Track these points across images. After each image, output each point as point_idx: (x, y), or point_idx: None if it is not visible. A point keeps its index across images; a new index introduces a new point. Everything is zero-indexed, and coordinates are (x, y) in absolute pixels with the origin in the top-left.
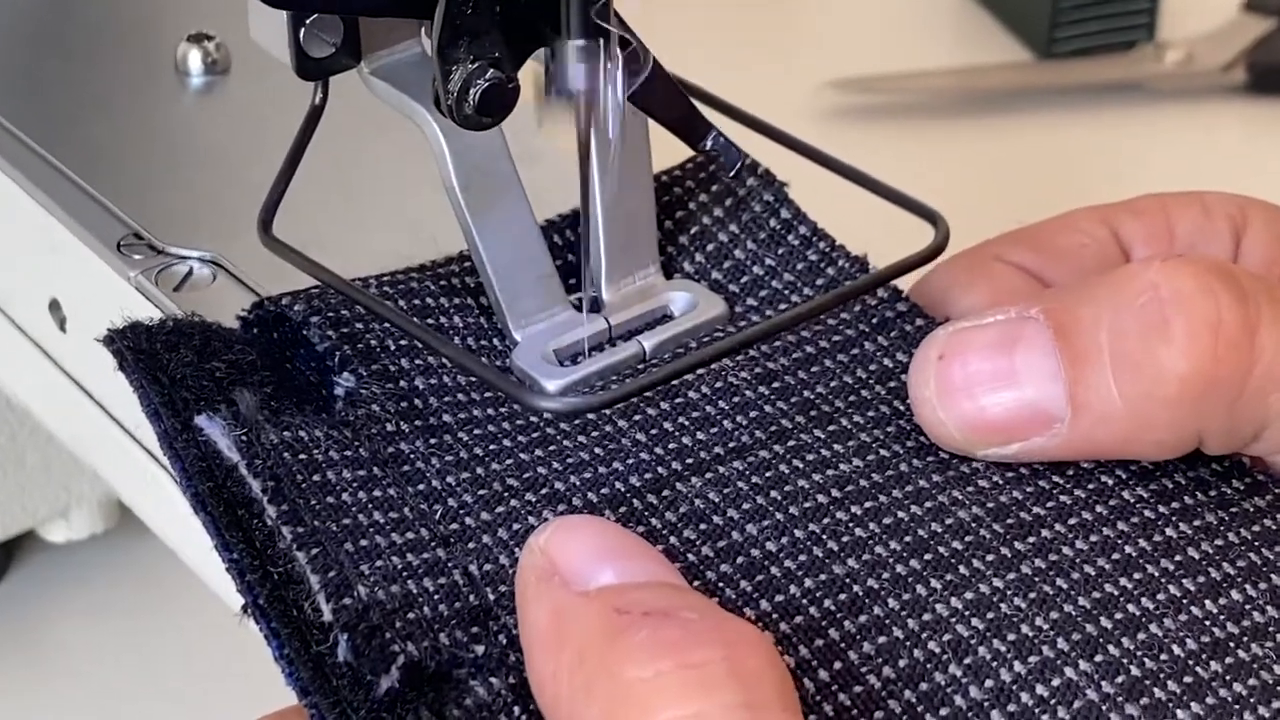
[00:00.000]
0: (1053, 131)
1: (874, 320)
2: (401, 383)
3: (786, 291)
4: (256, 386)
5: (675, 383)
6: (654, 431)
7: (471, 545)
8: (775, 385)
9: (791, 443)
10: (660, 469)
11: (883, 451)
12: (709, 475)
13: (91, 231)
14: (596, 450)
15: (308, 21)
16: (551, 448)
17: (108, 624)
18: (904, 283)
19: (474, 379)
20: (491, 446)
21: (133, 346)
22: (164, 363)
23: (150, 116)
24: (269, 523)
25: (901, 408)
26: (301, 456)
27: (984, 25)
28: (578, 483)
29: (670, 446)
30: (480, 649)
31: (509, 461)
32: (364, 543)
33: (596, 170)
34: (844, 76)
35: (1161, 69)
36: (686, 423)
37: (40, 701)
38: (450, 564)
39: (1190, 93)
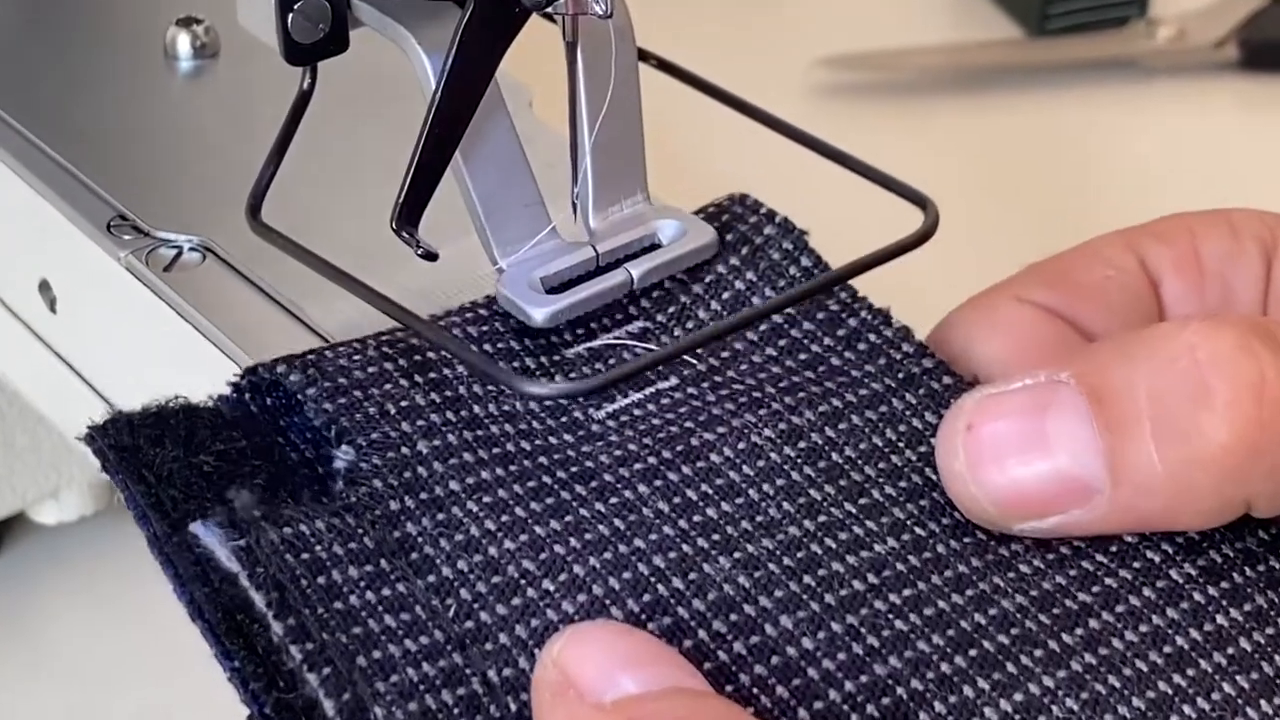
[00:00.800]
0: (1045, 108)
1: (900, 375)
2: (404, 449)
3: (806, 341)
4: (248, 478)
5: (697, 444)
6: (677, 501)
7: (489, 646)
8: (802, 445)
9: (822, 518)
10: (686, 546)
11: (918, 530)
12: (738, 555)
13: (81, 213)
14: (616, 523)
15: (295, 6)
16: (568, 518)
17: (98, 605)
18: (920, 326)
19: (479, 435)
20: (504, 518)
21: (115, 444)
22: (149, 459)
23: (139, 100)
24: (275, 639)
25: (934, 478)
26: (304, 556)
27: (976, 3)
28: (598, 565)
29: (695, 519)
30: None
31: (523, 538)
32: (377, 655)
33: (584, 92)
34: (835, 54)
35: (1154, 46)
36: (711, 491)
37: (30, 682)
38: (469, 670)
39: (1182, 69)
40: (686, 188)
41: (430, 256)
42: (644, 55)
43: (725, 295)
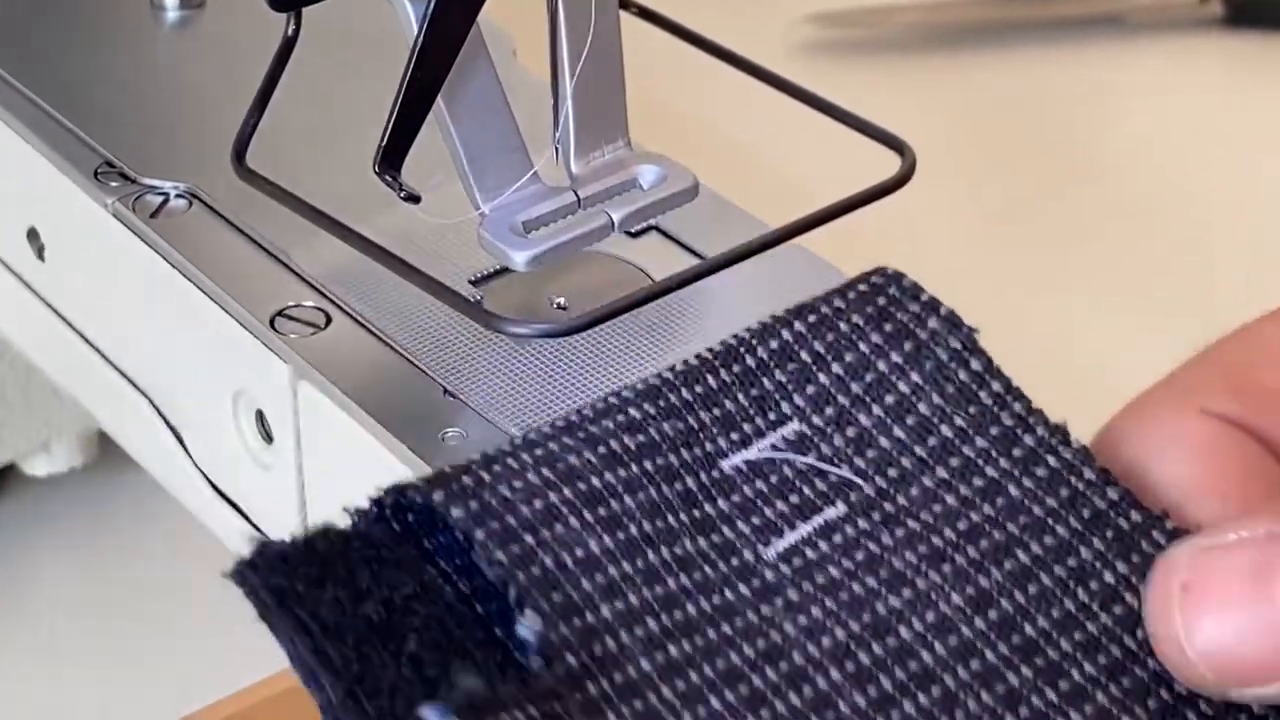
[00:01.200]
0: (1030, 65)
1: (1085, 513)
2: (589, 615)
3: (981, 463)
4: (422, 630)
5: (884, 612)
6: (873, 694)
7: None
8: (993, 616)
9: (1024, 711)
10: None
11: (1126, 718)
12: None
13: (69, 160)
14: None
15: None
16: (764, 713)
17: (87, 556)
18: (1081, 431)
19: (658, 594)
20: (701, 711)
21: (270, 586)
22: (312, 606)
23: (126, 49)
24: None
25: (1133, 646)
26: None
27: None
28: None
29: (893, 715)
30: None
31: None
32: None
33: (565, 38)
34: (820, 10)
35: (1139, 2)
36: (905, 678)
37: (21, 634)
38: None
39: (1168, 25)
40: (668, 134)
41: (413, 199)
42: (625, 3)
43: (888, 400)
